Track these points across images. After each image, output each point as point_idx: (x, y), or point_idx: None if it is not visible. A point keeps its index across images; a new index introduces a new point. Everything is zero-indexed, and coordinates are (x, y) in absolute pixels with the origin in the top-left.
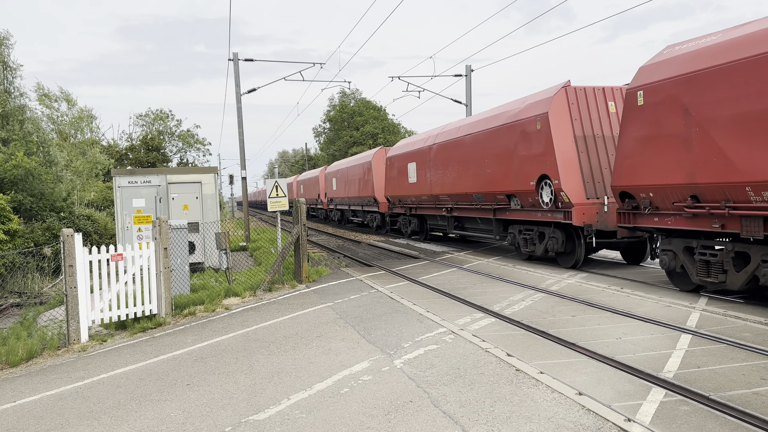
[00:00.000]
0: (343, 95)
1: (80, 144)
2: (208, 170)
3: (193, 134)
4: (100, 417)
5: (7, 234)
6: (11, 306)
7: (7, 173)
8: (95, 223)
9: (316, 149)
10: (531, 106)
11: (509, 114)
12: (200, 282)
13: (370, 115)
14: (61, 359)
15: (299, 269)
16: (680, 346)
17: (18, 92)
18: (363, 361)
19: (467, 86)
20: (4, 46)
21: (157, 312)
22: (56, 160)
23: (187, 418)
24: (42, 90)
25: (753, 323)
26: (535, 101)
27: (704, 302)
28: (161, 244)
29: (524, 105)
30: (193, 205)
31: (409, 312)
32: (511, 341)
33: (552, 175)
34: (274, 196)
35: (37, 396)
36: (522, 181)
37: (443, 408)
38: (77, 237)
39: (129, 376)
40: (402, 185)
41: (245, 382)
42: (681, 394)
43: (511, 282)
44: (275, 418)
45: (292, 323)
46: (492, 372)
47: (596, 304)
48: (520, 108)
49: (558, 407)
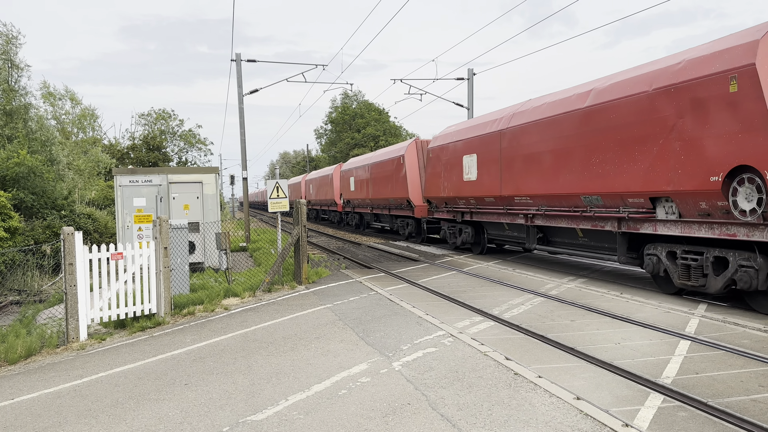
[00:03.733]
0: (345, 97)
1: (82, 142)
2: (209, 170)
3: (195, 134)
4: (98, 415)
5: (7, 231)
6: (10, 303)
7: (9, 170)
8: (96, 221)
9: (318, 151)
10: (711, 58)
11: (660, 75)
12: (200, 282)
13: (371, 117)
14: (59, 357)
15: (299, 270)
16: (679, 351)
17: (24, 91)
18: (361, 363)
19: (469, 90)
20: (12, 44)
21: (157, 311)
22: (58, 158)
23: (184, 417)
24: (47, 88)
25: (752, 330)
26: (721, 50)
27: (703, 308)
28: (161, 244)
29: (694, 57)
30: (194, 204)
31: (408, 314)
32: (509, 345)
33: (762, 165)
34: (274, 197)
35: (35, 394)
36: (692, 176)
37: (441, 411)
38: (78, 235)
39: (127, 375)
40: (451, 184)
41: (243, 382)
42: (679, 400)
43: (511, 286)
44: (273, 419)
45: (291, 324)
46: (490, 375)
47: (595, 308)
48: (687, 62)
49: (556, 411)
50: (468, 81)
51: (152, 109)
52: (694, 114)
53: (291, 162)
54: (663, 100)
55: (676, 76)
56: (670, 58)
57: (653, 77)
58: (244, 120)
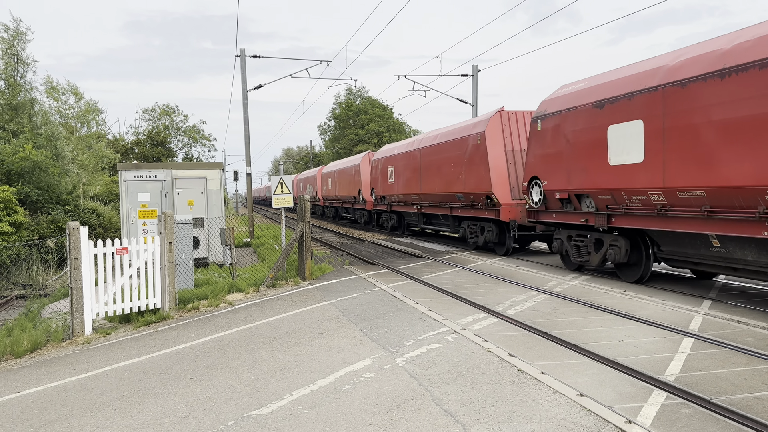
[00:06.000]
0: (349, 93)
1: (86, 137)
2: (213, 166)
3: (199, 130)
4: (104, 409)
5: (12, 226)
6: (16, 298)
7: (15, 165)
8: (100, 216)
9: (321, 147)
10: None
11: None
12: (204, 277)
13: (375, 113)
14: (65, 351)
15: (303, 266)
16: (682, 349)
17: (29, 86)
18: (365, 359)
19: (473, 86)
20: (20, 40)
21: (161, 306)
22: (63, 153)
23: (189, 411)
24: (50, 83)
25: (756, 328)
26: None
27: (707, 306)
28: (166, 239)
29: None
30: (198, 200)
31: (412, 311)
32: (513, 341)
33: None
34: (279, 192)
35: (41, 387)
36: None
37: (444, 406)
38: (83, 230)
39: (132, 369)
40: (581, 170)
41: (248, 377)
42: (682, 398)
43: (514, 283)
44: (277, 413)
45: (295, 320)
46: (494, 372)
47: (599, 306)
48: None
49: (559, 408)
50: (472, 77)
51: (156, 105)
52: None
53: (294, 158)
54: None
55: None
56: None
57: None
58: (248, 116)
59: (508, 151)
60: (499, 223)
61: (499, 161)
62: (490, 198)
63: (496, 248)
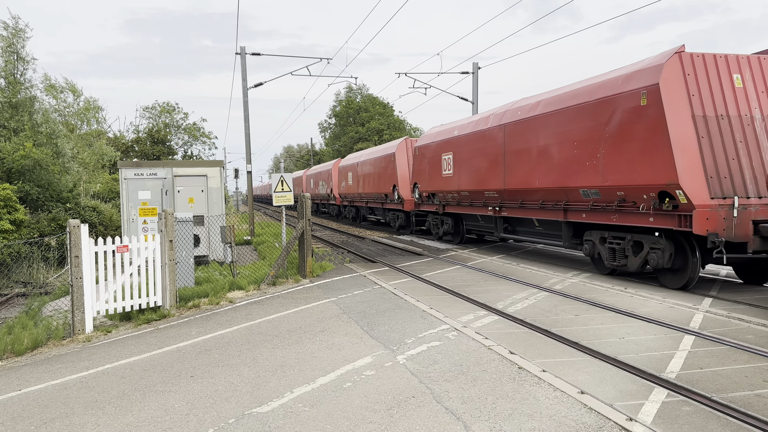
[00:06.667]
0: (350, 91)
1: (86, 135)
2: (213, 164)
3: (199, 127)
4: (105, 407)
5: (13, 224)
6: (16, 295)
7: (15, 163)
8: (101, 214)
9: (321, 144)
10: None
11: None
12: (205, 275)
13: (376, 111)
14: (66, 349)
15: (303, 264)
16: (683, 347)
17: (29, 83)
18: (366, 356)
19: (474, 84)
20: (19, 37)
21: (162, 304)
22: (63, 151)
23: (190, 409)
24: (48, 81)
25: (756, 325)
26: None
27: (708, 303)
28: (167, 237)
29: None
30: (199, 198)
31: (413, 308)
32: (513, 339)
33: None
34: (279, 190)
35: (42, 385)
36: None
37: (445, 404)
38: (83, 228)
39: (133, 366)
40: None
41: (249, 374)
42: (683, 395)
43: (515, 280)
44: (278, 411)
45: (295, 317)
46: (494, 369)
47: (600, 303)
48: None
49: (560, 405)
50: (473, 75)
51: (157, 103)
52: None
53: (295, 156)
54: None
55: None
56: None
57: None
58: (249, 113)
59: (699, 118)
60: (677, 237)
61: (685, 134)
62: (668, 195)
63: (666, 279)
